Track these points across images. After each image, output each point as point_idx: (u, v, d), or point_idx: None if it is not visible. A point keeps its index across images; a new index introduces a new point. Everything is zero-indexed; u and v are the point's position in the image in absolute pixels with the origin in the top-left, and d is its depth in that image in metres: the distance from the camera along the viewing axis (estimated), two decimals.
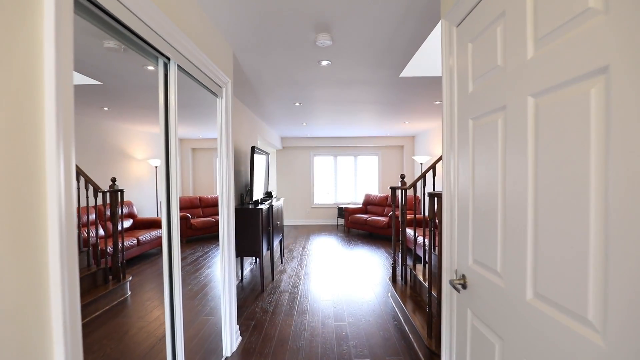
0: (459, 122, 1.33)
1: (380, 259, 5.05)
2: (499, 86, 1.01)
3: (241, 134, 4.32)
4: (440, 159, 3.54)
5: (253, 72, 3.10)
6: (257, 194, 4.11)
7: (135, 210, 5.76)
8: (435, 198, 2.24)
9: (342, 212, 7.93)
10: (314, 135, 8.13)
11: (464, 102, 1.27)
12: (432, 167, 3.33)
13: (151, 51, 1.41)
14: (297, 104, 4.38)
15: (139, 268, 4.73)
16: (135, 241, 5.04)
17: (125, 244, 5.01)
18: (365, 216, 7.06)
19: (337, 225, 8.47)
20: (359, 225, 7.11)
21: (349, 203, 8.69)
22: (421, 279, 3.04)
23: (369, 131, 7.37)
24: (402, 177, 3.38)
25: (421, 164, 6.58)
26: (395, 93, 3.88)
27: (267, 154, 4.80)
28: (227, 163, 2.27)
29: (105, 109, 2.90)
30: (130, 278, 2.83)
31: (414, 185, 3.28)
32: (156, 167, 5.25)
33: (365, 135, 8.04)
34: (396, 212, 6.37)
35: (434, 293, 2.35)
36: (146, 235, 5.20)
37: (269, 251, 4.00)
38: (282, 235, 5.05)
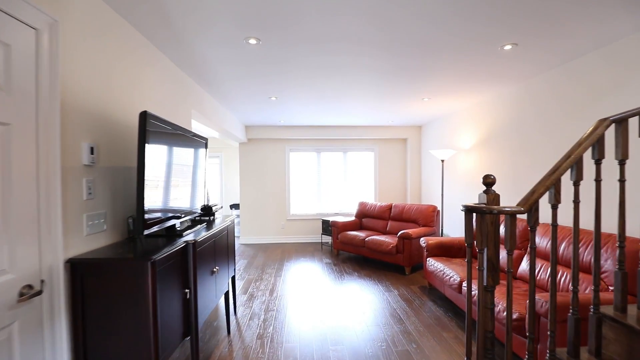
0: None
1: (395, 311, 3.05)
2: None
3: (133, 91, 2.19)
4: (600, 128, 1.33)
5: None
6: (175, 207, 2.01)
7: None
8: None
9: (329, 226, 5.90)
10: (289, 124, 6.06)
11: None
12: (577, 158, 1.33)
13: None
14: (253, 42, 2.31)
15: None
16: None
17: None
18: (362, 235, 5.05)
19: (322, 243, 6.41)
20: (352, 247, 5.10)
21: (337, 214, 6.66)
22: None
23: (365, 118, 5.39)
24: (490, 182, 1.38)
25: (442, 160, 4.65)
26: (443, 20, 1.89)
27: (204, 140, 2.70)
28: None
29: None
30: None
31: (534, 202, 1.30)
32: None
33: (358, 124, 6.05)
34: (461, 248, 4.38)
35: None
36: None
37: (190, 336, 1.91)
38: (232, 278, 2.96)
